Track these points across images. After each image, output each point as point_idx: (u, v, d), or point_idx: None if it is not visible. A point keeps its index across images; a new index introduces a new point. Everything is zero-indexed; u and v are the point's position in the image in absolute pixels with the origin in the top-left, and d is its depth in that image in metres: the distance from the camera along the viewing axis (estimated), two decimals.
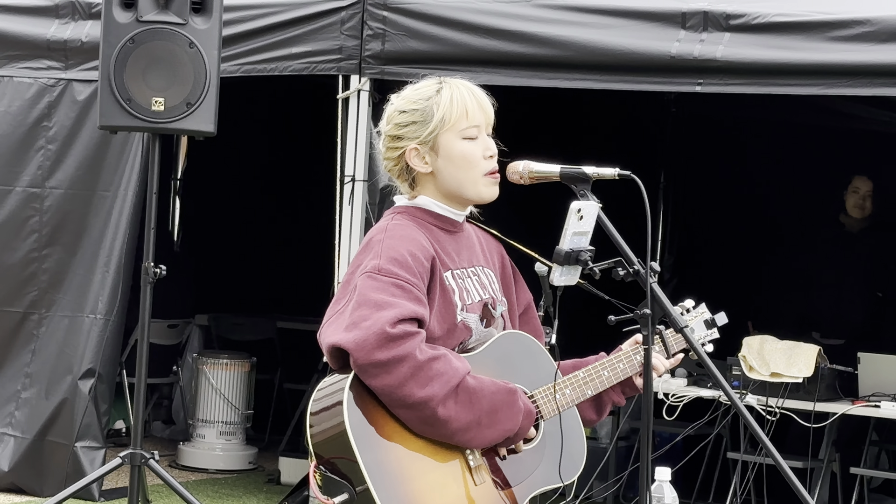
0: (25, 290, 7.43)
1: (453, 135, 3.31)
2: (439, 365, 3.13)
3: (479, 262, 3.44)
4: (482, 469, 3.25)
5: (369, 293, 3.13)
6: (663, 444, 7.68)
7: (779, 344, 6.93)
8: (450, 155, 3.31)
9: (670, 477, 3.45)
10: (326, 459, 3.18)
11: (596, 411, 3.58)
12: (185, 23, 5.78)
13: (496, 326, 3.42)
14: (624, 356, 3.53)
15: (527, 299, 3.59)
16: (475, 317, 3.34)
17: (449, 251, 3.34)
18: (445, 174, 3.33)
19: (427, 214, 3.35)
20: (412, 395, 3.10)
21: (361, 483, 3.10)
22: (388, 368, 3.09)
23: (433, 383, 3.11)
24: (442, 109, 3.30)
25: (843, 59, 5.89)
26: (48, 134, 7.44)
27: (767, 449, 3.41)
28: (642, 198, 3.26)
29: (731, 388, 3.44)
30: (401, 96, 3.39)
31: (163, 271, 5.72)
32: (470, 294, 3.34)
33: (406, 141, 3.32)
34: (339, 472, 3.15)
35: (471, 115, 3.32)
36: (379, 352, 3.08)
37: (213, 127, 5.80)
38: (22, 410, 7.36)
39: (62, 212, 7.40)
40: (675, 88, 6.45)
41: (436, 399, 3.11)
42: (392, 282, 3.15)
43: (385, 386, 3.10)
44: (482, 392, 3.19)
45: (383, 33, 6.73)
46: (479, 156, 3.33)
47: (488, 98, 3.39)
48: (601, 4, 6.42)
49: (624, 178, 3.34)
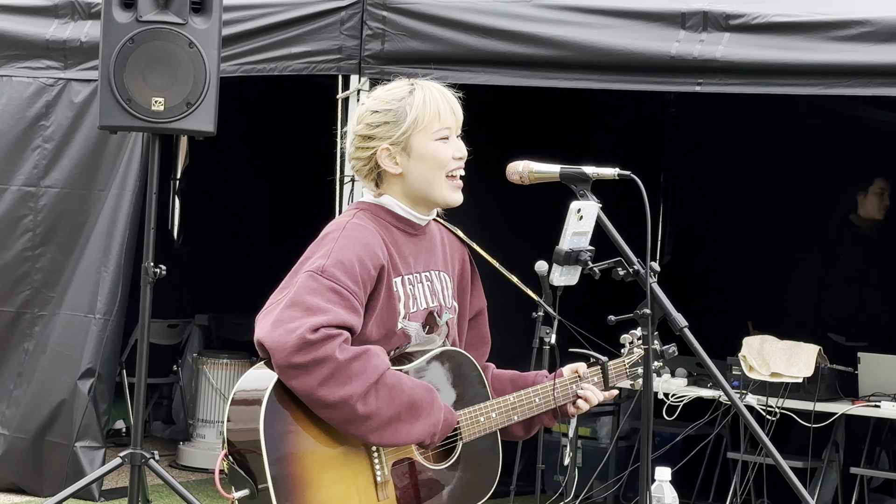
0: (18, 290, 7.43)
1: (426, 136, 3.32)
2: (358, 364, 3.12)
3: (435, 266, 3.43)
4: (388, 485, 3.23)
5: (304, 295, 3.14)
6: (663, 444, 7.68)
7: (779, 344, 6.93)
8: (422, 155, 3.31)
9: (670, 477, 3.45)
10: (237, 450, 3.18)
11: (524, 430, 3.55)
12: (184, 23, 5.78)
13: (439, 333, 3.42)
14: (559, 384, 3.51)
15: (479, 306, 3.59)
16: (416, 325, 3.34)
17: (405, 254, 3.34)
18: (415, 174, 3.33)
19: (389, 214, 3.35)
20: (332, 394, 3.10)
21: (263, 482, 3.10)
22: (307, 370, 3.09)
23: (352, 382, 3.10)
24: (415, 111, 3.30)
25: (843, 59, 5.89)
26: (45, 133, 7.44)
27: (767, 449, 3.42)
28: (642, 198, 3.26)
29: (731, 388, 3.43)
30: (372, 96, 3.40)
31: (163, 271, 5.72)
32: (417, 301, 3.34)
33: (377, 141, 3.32)
34: (246, 466, 3.16)
35: (443, 116, 3.33)
36: (298, 355, 3.08)
37: (213, 127, 5.80)
38: (12, 409, 7.36)
39: (57, 211, 7.40)
40: (675, 88, 6.45)
41: (355, 396, 3.10)
42: (331, 286, 3.15)
43: (304, 387, 3.10)
44: (401, 387, 3.18)
45: (383, 33, 6.73)
46: (450, 156, 3.34)
47: (457, 101, 3.39)
48: (601, 4, 6.42)
49: (624, 178, 3.34)
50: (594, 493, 7.57)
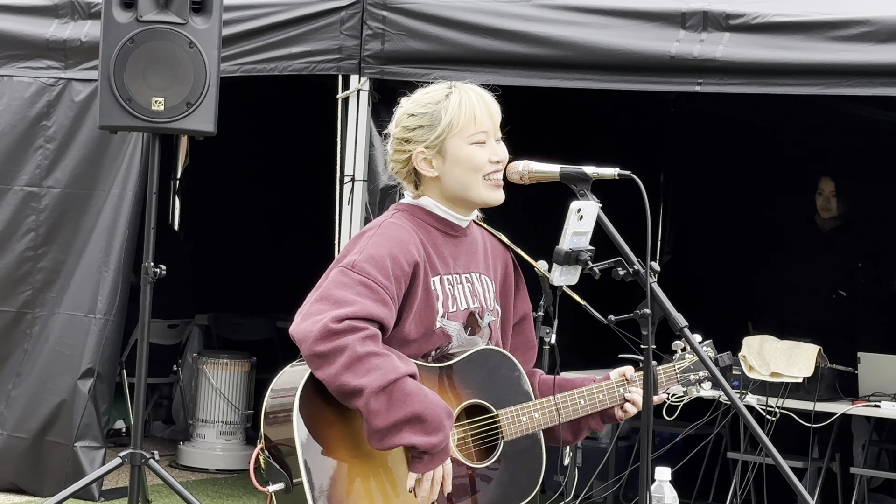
0: (19, 290, 7.43)
1: (461, 140, 3.30)
2: (379, 360, 3.11)
3: (476, 269, 3.42)
4: None
5: (333, 289, 3.16)
6: (663, 444, 7.67)
7: (779, 344, 6.93)
8: (457, 159, 3.31)
9: (670, 477, 3.45)
10: (273, 444, 3.21)
11: (572, 433, 3.54)
12: (184, 23, 5.77)
13: (481, 336, 3.41)
14: (606, 387, 3.50)
15: (524, 310, 3.57)
16: (457, 325, 3.34)
17: (444, 255, 3.34)
18: (451, 178, 3.32)
19: (428, 215, 3.35)
20: (348, 383, 3.10)
21: (298, 476, 3.13)
22: (328, 359, 3.10)
23: (369, 374, 3.10)
24: (450, 114, 3.30)
25: (843, 59, 5.89)
26: (47, 133, 7.44)
27: (767, 449, 3.41)
28: (642, 198, 3.26)
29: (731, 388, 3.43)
30: (411, 99, 3.39)
31: (163, 271, 5.72)
32: (457, 301, 3.34)
33: (413, 144, 3.32)
34: (282, 460, 3.19)
35: (479, 120, 3.31)
36: (320, 344, 3.10)
37: (213, 127, 5.80)
38: (10, 408, 7.36)
39: (59, 211, 7.40)
40: (675, 88, 6.45)
41: (368, 389, 3.09)
42: (361, 279, 3.16)
43: (326, 376, 3.12)
44: (417, 396, 3.13)
45: (383, 33, 6.73)
46: (486, 160, 3.32)
47: (497, 103, 3.37)
48: (601, 4, 6.42)
49: (624, 177, 3.34)
50: (594, 493, 7.57)
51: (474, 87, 3.36)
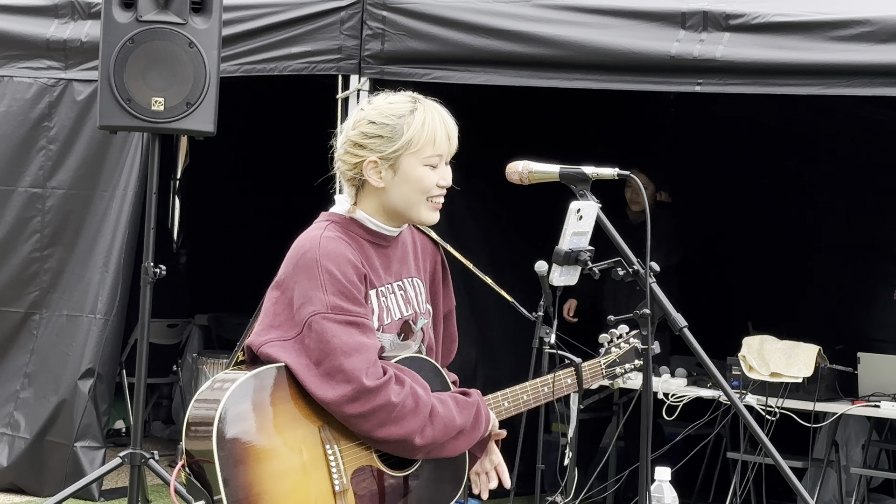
0: (27, 291, 7.44)
1: (416, 159, 3.28)
2: (411, 402, 3.19)
3: (408, 273, 3.43)
4: (348, 494, 3.21)
5: (331, 340, 3.16)
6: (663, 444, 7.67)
7: (779, 344, 6.93)
8: (407, 177, 3.29)
9: (670, 477, 3.45)
10: (195, 461, 3.17)
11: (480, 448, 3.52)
12: (184, 23, 5.77)
13: (414, 339, 3.42)
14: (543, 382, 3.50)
15: (449, 306, 3.59)
16: (391, 335, 3.35)
17: (376, 267, 3.33)
18: (396, 193, 3.30)
19: (360, 228, 3.34)
20: (392, 435, 3.18)
21: (218, 493, 3.09)
22: (366, 418, 3.16)
23: (407, 420, 3.18)
24: (411, 132, 3.27)
25: (843, 59, 5.89)
26: (49, 134, 7.45)
27: (767, 449, 3.41)
28: (642, 198, 3.26)
29: (731, 388, 3.43)
30: (373, 105, 3.35)
31: (163, 271, 5.72)
32: (391, 313, 3.35)
33: (368, 151, 3.30)
34: (203, 477, 3.15)
35: (437, 143, 3.30)
36: (357, 405, 3.15)
37: (213, 127, 5.80)
38: (21, 410, 7.36)
39: (64, 212, 7.41)
40: (675, 88, 6.44)
41: (414, 433, 3.20)
42: (346, 320, 3.18)
43: (364, 431, 3.19)
44: (452, 417, 3.26)
45: (383, 33, 6.73)
46: (434, 183, 3.31)
47: (456, 127, 3.35)
48: (601, 4, 6.42)
49: (624, 178, 3.34)
50: (594, 493, 7.57)
51: (438, 108, 3.34)
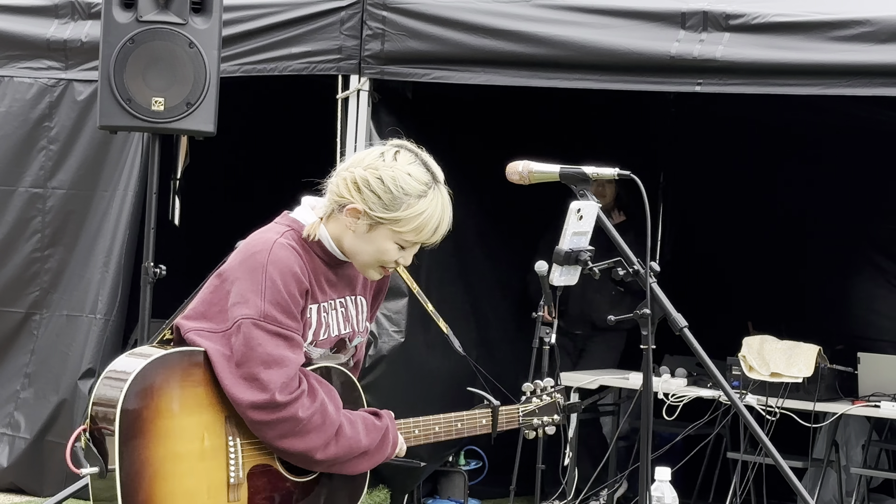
0: (28, 291, 7.44)
1: (393, 235, 3.30)
2: (318, 418, 3.23)
3: (352, 292, 3.46)
4: (242, 488, 3.25)
5: (256, 347, 3.19)
6: (663, 444, 7.67)
7: (779, 344, 6.93)
8: (374, 241, 3.31)
9: (670, 477, 3.45)
10: (97, 427, 3.24)
11: None
12: (184, 23, 5.78)
13: (345, 354, 3.45)
14: (467, 416, 3.53)
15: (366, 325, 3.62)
16: (322, 350, 3.38)
17: (322, 282, 3.36)
18: (358, 244, 3.33)
19: (317, 245, 3.36)
20: (293, 447, 3.23)
21: (112, 464, 3.15)
22: (270, 427, 3.20)
23: (311, 435, 3.22)
24: (405, 213, 3.27)
25: (843, 59, 5.89)
26: (50, 134, 7.45)
27: (767, 449, 3.41)
28: (642, 198, 3.26)
29: (731, 388, 3.43)
30: (398, 163, 3.31)
31: (163, 271, 5.72)
32: (329, 329, 3.38)
33: (360, 199, 3.30)
34: (102, 445, 3.22)
35: (422, 234, 3.30)
36: (263, 414, 3.18)
37: (213, 127, 5.81)
38: (21, 410, 7.36)
39: (64, 212, 7.41)
40: (675, 88, 6.45)
41: (316, 449, 3.24)
42: (276, 331, 3.21)
43: (266, 438, 3.22)
44: (358, 438, 3.30)
45: (383, 33, 6.73)
46: (393, 259, 3.34)
47: (449, 223, 3.34)
48: (601, 4, 6.42)
49: (623, 178, 3.34)
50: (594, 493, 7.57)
51: (446, 201, 3.32)
